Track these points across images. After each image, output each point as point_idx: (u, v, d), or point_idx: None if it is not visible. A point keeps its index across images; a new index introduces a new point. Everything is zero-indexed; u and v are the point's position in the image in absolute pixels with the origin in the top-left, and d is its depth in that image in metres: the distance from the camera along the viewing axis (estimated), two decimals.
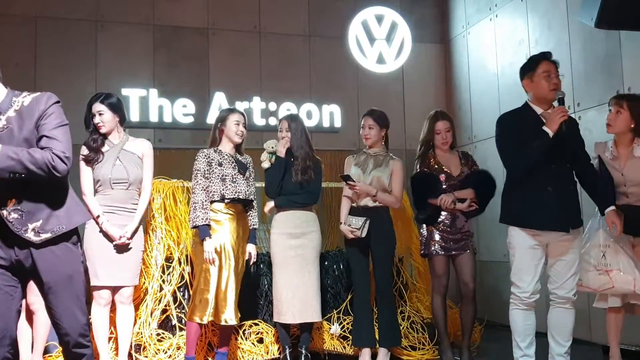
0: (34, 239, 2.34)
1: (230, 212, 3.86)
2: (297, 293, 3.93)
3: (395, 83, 6.68)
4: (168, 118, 5.81)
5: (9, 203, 2.32)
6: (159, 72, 5.91)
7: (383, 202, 4.08)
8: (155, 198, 4.34)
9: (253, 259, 4.01)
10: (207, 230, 3.73)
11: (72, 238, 2.46)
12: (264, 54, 6.26)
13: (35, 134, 2.35)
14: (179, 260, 4.34)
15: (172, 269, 4.32)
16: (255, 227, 4.03)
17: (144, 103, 5.73)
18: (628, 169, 3.60)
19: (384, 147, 4.24)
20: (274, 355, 4.30)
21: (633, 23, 3.89)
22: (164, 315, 4.26)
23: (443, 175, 4.10)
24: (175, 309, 4.27)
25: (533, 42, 5.43)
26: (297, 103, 6.17)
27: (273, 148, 4.25)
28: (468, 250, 4.09)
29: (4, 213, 2.32)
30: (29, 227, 2.33)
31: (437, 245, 4.07)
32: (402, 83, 6.71)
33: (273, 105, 6.11)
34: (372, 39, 6.53)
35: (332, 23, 6.48)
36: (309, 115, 6.20)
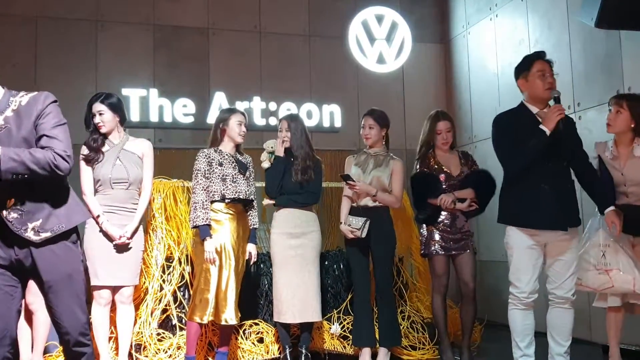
0: (34, 239, 2.34)
1: (231, 212, 3.86)
2: (297, 293, 3.93)
3: (396, 83, 6.68)
4: (168, 118, 5.82)
5: (9, 203, 2.32)
6: (159, 72, 5.91)
7: (383, 201, 4.08)
8: (156, 198, 4.34)
9: (253, 259, 4.01)
10: (207, 230, 3.73)
11: (71, 237, 2.46)
12: (264, 54, 6.27)
13: (34, 134, 2.35)
14: (179, 260, 4.34)
15: (172, 269, 4.32)
16: (256, 226, 4.04)
17: (144, 103, 5.74)
18: (628, 169, 3.60)
19: (385, 147, 4.23)
20: (274, 355, 4.30)
21: (633, 23, 3.89)
22: (164, 315, 4.26)
23: (443, 175, 4.10)
24: (176, 309, 4.27)
25: (533, 42, 5.43)
26: (297, 103, 6.17)
27: (272, 148, 4.26)
28: (468, 250, 4.09)
29: (4, 213, 2.32)
30: (29, 226, 2.33)
31: (437, 245, 4.07)
32: (402, 83, 6.72)
33: (273, 105, 6.11)
34: (372, 39, 6.54)
35: (332, 23, 6.49)
36: (309, 115, 6.20)
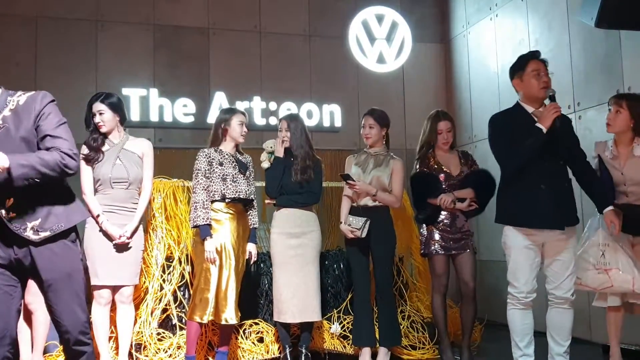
0: (33, 238, 2.34)
1: (231, 211, 3.86)
2: (297, 292, 3.93)
3: (396, 83, 6.68)
4: (168, 118, 5.82)
5: (8, 202, 2.32)
6: (160, 71, 5.92)
7: (383, 201, 4.08)
8: (156, 197, 4.35)
9: (253, 258, 4.02)
10: (208, 230, 3.73)
11: (70, 235, 2.46)
12: (265, 54, 6.27)
13: (34, 134, 2.35)
14: (179, 260, 4.34)
15: (172, 269, 4.33)
16: (256, 226, 4.04)
17: (145, 103, 5.74)
18: (628, 168, 3.61)
19: (385, 146, 4.23)
20: (274, 355, 4.30)
21: (633, 23, 3.89)
22: (165, 315, 4.26)
23: (442, 175, 4.10)
24: (176, 309, 4.27)
25: (533, 41, 5.43)
26: (297, 103, 6.17)
27: (272, 148, 4.26)
28: (468, 250, 4.09)
29: (3, 212, 2.32)
30: (28, 225, 2.33)
31: (437, 245, 4.07)
32: (402, 83, 6.72)
33: (273, 105, 6.11)
34: (372, 39, 6.54)
35: (332, 23, 6.49)
36: (310, 115, 6.20)
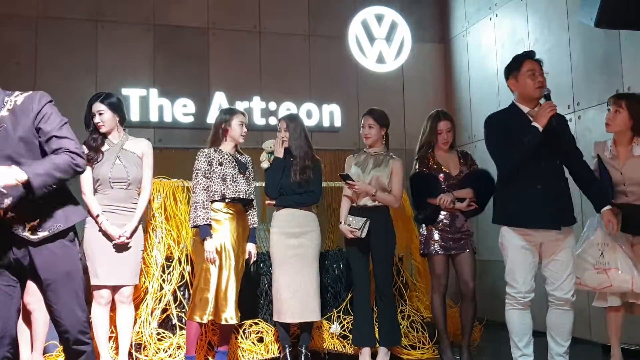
0: (32, 238, 2.34)
1: (230, 211, 3.86)
2: (296, 292, 3.93)
3: (395, 82, 6.68)
4: (168, 118, 5.82)
5: (5, 202, 2.32)
6: (159, 71, 5.92)
7: (382, 201, 4.08)
8: (156, 197, 4.35)
9: (253, 258, 4.02)
10: (208, 230, 3.73)
11: (69, 235, 2.46)
12: (264, 54, 6.27)
13: (34, 133, 2.35)
14: (179, 260, 4.34)
15: (172, 269, 4.33)
16: (255, 226, 4.04)
17: (144, 103, 5.74)
18: (627, 168, 3.61)
19: (384, 146, 4.24)
20: (274, 355, 4.31)
21: (632, 23, 3.89)
22: (164, 315, 4.27)
23: (442, 175, 4.10)
24: (176, 308, 4.27)
25: (533, 41, 5.44)
26: (297, 103, 6.17)
27: (271, 148, 4.26)
28: (467, 250, 4.09)
29: (1, 212, 2.31)
30: (27, 225, 2.32)
31: (436, 245, 4.07)
32: (402, 82, 6.72)
33: (273, 105, 6.11)
34: (372, 39, 6.54)
35: (332, 23, 6.49)
36: (309, 115, 6.20)
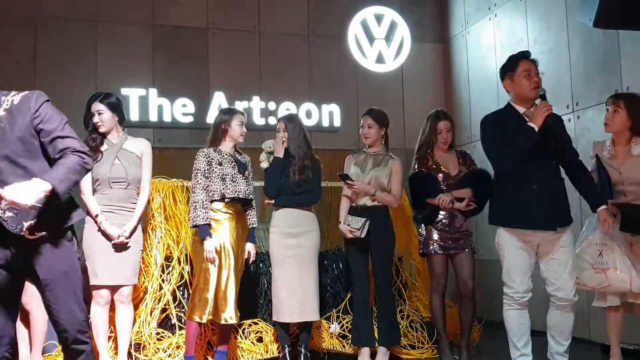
0: (30, 237, 2.34)
1: (230, 211, 3.86)
2: (295, 292, 3.93)
3: (395, 82, 6.68)
4: (167, 118, 5.82)
5: (3, 202, 2.32)
6: (159, 71, 5.92)
7: (382, 201, 4.09)
8: (155, 197, 4.35)
9: (252, 258, 4.02)
10: (207, 230, 3.73)
11: (67, 234, 2.46)
12: (264, 54, 6.27)
13: (32, 133, 2.35)
14: (179, 260, 4.35)
15: (171, 268, 4.33)
16: (254, 226, 4.04)
17: (144, 103, 5.74)
18: (626, 168, 3.60)
19: (384, 146, 4.24)
20: (274, 354, 4.31)
21: (631, 23, 3.89)
22: (164, 315, 4.27)
23: (441, 175, 4.10)
24: (175, 308, 4.28)
25: (532, 41, 5.44)
26: (296, 102, 6.17)
27: (270, 148, 4.27)
28: (467, 250, 4.09)
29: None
30: (24, 225, 2.32)
31: (435, 245, 4.07)
32: (401, 82, 6.72)
33: (272, 105, 6.11)
34: (371, 39, 6.54)
35: (331, 23, 6.49)
36: (309, 115, 6.20)
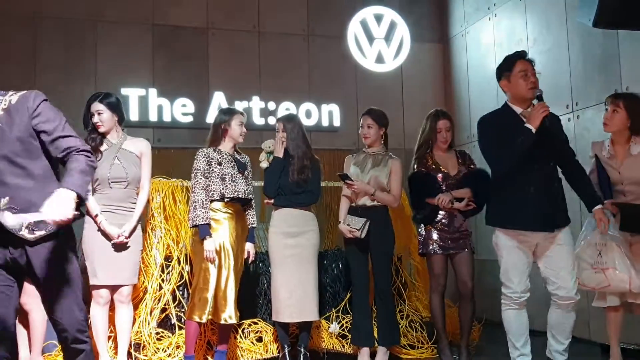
0: (28, 237, 2.33)
1: (229, 211, 3.86)
2: (294, 292, 3.94)
3: (394, 82, 6.69)
4: (167, 117, 5.82)
5: (2, 202, 2.33)
6: (159, 71, 5.92)
7: (381, 201, 4.09)
8: (155, 197, 4.35)
9: (252, 258, 4.02)
10: (207, 229, 3.73)
11: (65, 234, 2.46)
12: (263, 54, 6.27)
13: (30, 133, 2.35)
14: (178, 259, 4.35)
15: (171, 268, 4.34)
16: (254, 225, 4.04)
17: (144, 102, 5.74)
18: (625, 168, 3.61)
19: (383, 146, 4.24)
20: (273, 354, 4.31)
21: (631, 23, 3.89)
22: (164, 314, 4.27)
23: (440, 175, 4.10)
24: (175, 308, 4.28)
25: (531, 41, 5.44)
26: (296, 102, 6.17)
27: (270, 148, 4.27)
28: (466, 249, 4.09)
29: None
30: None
31: (435, 245, 4.07)
32: (401, 82, 6.72)
33: (272, 105, 6.11)
34: (371, 39, 6.54)
35: (331, 22, 6.49)
36: (308, 115, 6.20)
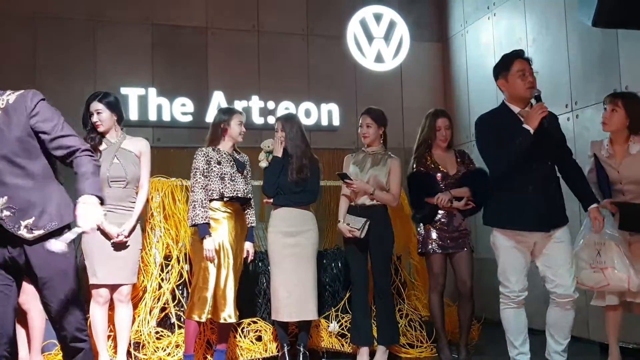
0: (27, 236, 2.34)
1: (229, 210, 3.87)
2: (294, 291, 3.94)
3: (394, 82, 6.68)
4: (167, 117, 5.82)
5: (1, 201, 2.33)
6: (158, 71, 5.91)
7: (380, 200, 4.09)
8: (154, 197, 4.36)
9: (251, 257, 4.02)
10: (206, 229, 3.73)
11: (63, 233, 2.46)
12: (263, 53, 6.27)
13: (29, 132, 2.36)
14: (178, 259, 4.35)
15: (170, 267, 4.34)
16: (253, 225, 4.05)
17: (143, 102, 5.74)
18: (624, 167, 3.61)
19: (382, 145, 4.25)
20: (273, 353, 4.32)
21: (630, 22, 3.90)
22: (163, 314, 4.28)
23: (439, 175, 4.11)
24: (174, 307, 4.28)
25: (531, 40, 5.44)
26: (295, 102, 6.17)
27: (269, 147, 4.28)
28: (465, 249, 4.09)
29: None
30: (22, 224, 2.33)
31: (434, 244, 4.08)
32: (400, 82, 6.72)
33: (271, 104, 6.11)
34: (370, 38, 6.53)
35: (330, 22, 6.48)
36: (308, 114, 6.20)
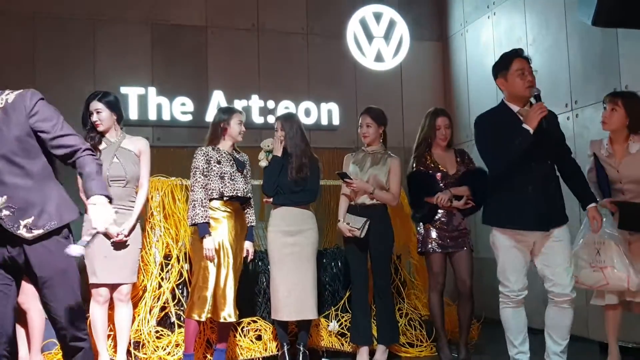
0: (26, 236, 2.34)
1: (228, 209, 3.87)
2: (293, 291, 3.94)
3: (394, 81, 6.68)
4: (167, 116, 5.82)
5: (0, 200, 2.33)
6: (158, 70, 5.91)
7: (380, 199, 4.10)
8: (154, 196, 4.36)
9: (250, 256, 4.02)
10: (206, 228, 3.73)
11: (63, 232, 2.46)
12: (263, 52, 6.27)
13: (28, 132, 2.36)
14: (178, 258, 4.35)
15: (170, 267, 4.34)
16: (253, 224, 4.05)
17: (143, 101, 5.73)
18: (624, 166, 3.61)
19: (382, 145, 4.25)
20: (272, 353, 4.32)
21: (630, 21, 3.90)
22: (163, 313, 4.28)
23: (439, 174, 4.11)
24: (174, 307, 4.29)
25: (531, 40, 5.44)
26: (295, 101, 6.17)
27: (269, 147, 4.28)
28: (465, 248, 4.09)
29: None
30: (21, 223, 2.33)
31: (434, 243, 4.08)
32: (400, 81, 6.72)
33: (271, 104, 6.11)
34: (370, 37, 6.53)
35: (330, 21, 6.48)
36: (307, 113, 6.20)
